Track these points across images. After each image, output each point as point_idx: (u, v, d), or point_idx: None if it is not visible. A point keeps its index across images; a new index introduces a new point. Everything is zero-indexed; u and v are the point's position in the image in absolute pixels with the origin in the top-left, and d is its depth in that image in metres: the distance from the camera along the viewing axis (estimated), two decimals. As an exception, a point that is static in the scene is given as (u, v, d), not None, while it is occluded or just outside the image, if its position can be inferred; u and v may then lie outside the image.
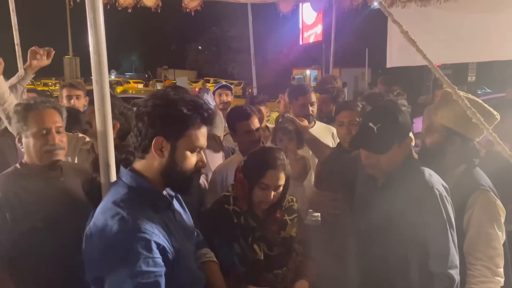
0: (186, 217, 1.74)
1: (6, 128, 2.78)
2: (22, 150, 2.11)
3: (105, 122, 1.61)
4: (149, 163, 1.50)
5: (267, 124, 4.03)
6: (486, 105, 2.07)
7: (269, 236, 2.04)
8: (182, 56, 56.35)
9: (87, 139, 2.77)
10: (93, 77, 1.56)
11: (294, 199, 2.28)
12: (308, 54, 28.79)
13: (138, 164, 1.53)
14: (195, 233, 1.82)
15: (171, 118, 1.45)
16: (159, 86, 35.42)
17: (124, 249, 1.31)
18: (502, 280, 1.96)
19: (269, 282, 1.98)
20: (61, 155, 2.12)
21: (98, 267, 1.34)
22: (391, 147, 1.93)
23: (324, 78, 4.86)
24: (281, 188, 2.06)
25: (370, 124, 1.94)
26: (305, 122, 2.83)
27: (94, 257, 1.35)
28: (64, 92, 3.81)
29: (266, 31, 29.46)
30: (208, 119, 1.52)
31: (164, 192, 1.59)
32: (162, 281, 1.38)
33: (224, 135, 3.79)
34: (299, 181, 2.71)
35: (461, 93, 2.05)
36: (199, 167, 1.55)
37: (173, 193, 1.65)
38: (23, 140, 2.05)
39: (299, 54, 27.88)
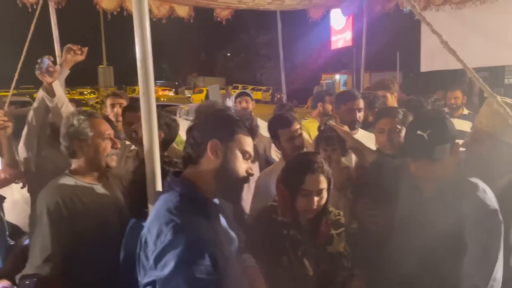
0: (230, 226, 1.78)
1: None
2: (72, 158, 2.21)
3: (151, 132, 1.68)
4: (202, 168, 1.56)
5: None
6: None
7: (316, 251, 1.98)
8: (211, 63, 57.11)
9: (133, 146, 2.87)
10: (140, 89, 1.64)
11: (341, 213, 2.20)
12: (338, 59, 28.60)
13: (190, 172, 1.59)
14: (237, 242, 1.84)
15: (222, 122, 1.58)
16: (188, 93, 36.04)
17: (178, 256, 1.34)
18: None
19: None
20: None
21: (153, 272, 1.38)
22: (445, 154, 1.86)
23: (381, 81, 4.68)
24: (324, 193, 1.98)
25: (419, 131, 1.87)
26: (346, 128, 2.73)
27: (149, 263, 1.40)
28: (109, 101, 3.97)
29: (295, 37, 29.48)
30: (253, 129, 1.62)
31: (214, 200, 1.64)
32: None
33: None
34: (343, 192, 2.63)
35: (508, 100, 1.99)
36: (249, 175, 1.61)
37: (218, 203, 1.68)
38: (85, 146, 2.15)
39: (328, 59, 27.73)
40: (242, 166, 1.58)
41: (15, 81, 4.35)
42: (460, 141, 2.21)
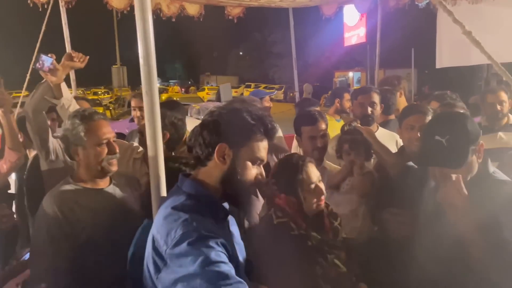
0: (237, 233, 1.70)
1: None
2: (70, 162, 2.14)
3: (155, 133, 1.60)
4: (210, 171, 1.50)
5: None
6: None
7: (332, 244, 1.95)
8: (224, 62, 57.27)
9: (140, 148, 2.80)
10: (143, 88, 1.56)
11: (328, 203, 2.17)
12: (351, 56, 28.36)
13: (199, 173, 1.53)
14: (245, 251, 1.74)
15: (235, 126, 1.47)
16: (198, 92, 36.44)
17: (194, 247, 1.29)
18: None
19: None
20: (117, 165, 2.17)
21: (171, 269, 1.30)
22: (467, 159, 1.75)
23: (386, 79, 4.56)
24: (322, 183, 2.00)
25: (437, 137, 1.75)
26: (373, 128, 2.62)
27: (165, 261, 1.32)
28: (134, 103, 3.82)
29: (308, 35, 29.35)
30: (270, 132, 1.53)
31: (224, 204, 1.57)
32: (233, 272, 1.34)
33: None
34: (364, 199, 2.48)
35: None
36: (258, 181, 1.53)
37: (228, 207, 1.61)
38: (80, 151, 2.05)
39: (342, 57, 27.52)
40: (251, 172, 1.50)
41: (27, 81, 4.38)
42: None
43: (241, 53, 54.47)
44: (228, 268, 1.30)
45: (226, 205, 1.57)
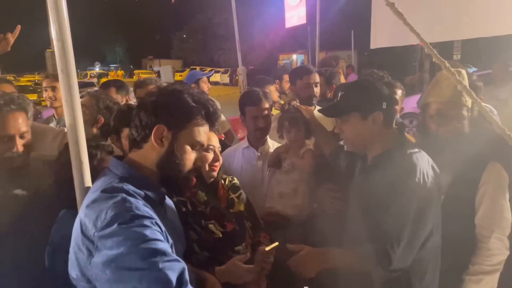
0: (176, 218, 1.67)
1: None
2: None
3: (74, 114, 1.44)
4: (146, 154, 1.43)
5: None
6: None
7: (219, 211, 2.01)
8: (167, 46, 55.78)
9: None
10: (58, 66, 1.39)
11: (235, 178, 2.27)
12: (294, 38, 28.62)
13: (134, 155, 1.46)
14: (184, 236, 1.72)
15: (175, 107, 1.42)
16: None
17: (126, 227, 1.21)
18: (508, 253, 2.02)
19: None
20: (22, 161, 1.93)
21: (102, 253, 1.21)
22: (347, 113, 1.91)
23: (324, 60, 4.61)
24: (217, 149, 2.09)
25: (339, 93, 2.02)
26: (311, 109, 2.67)
27: (95, 244, 1.23)
28: (45, 83, 3.59)
29: (251, 17, 29.20)
30: (212, 116, 1.49)
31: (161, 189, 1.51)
32: (171, 250, 1.29)
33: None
34: (305, 177, 2.53)
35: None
36: (198, 167, 1.49)
37: (165, 191, 1.55)
38: None
39: (285, 39, 27.71)
40: (189, 158, 1.45)
41: None
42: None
43: (184, 36, 53.08)
44: (164, 245, 1.25)
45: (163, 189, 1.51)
